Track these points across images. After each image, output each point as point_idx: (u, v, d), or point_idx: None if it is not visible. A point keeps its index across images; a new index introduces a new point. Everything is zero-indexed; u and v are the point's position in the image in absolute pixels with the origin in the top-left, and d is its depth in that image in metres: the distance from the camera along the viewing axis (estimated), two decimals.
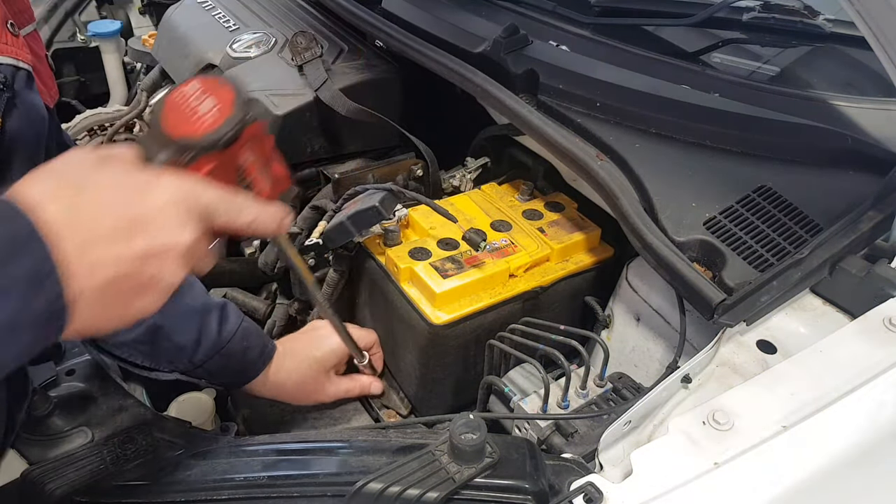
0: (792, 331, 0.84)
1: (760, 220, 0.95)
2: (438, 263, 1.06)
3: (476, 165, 1.36)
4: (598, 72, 1.17)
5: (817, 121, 1.07)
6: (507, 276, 1.07)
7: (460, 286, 1.03)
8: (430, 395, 1.11)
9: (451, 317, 1.02)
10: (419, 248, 1.09)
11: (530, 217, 1.18)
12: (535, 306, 1.10)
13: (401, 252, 1.08)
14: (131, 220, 0.49)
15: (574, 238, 1.13)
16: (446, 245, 1.10)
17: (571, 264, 1.12)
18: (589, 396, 0.95)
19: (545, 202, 1.21)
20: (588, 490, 0.64)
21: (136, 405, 0.88)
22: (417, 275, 1.05)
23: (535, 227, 1.15)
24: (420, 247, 1.09)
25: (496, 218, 1.17)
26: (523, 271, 1.09)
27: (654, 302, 1.05)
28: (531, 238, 1.13)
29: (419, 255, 1.07)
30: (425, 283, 1.03)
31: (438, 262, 1.06)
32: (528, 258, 1.09)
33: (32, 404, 0.82)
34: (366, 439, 0.78)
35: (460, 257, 1.07)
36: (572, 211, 1.20)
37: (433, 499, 0.65)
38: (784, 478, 0.64)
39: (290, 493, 0.71)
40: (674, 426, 0.69)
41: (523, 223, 1.16)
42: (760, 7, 1.46)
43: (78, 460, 0.76)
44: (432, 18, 1.35)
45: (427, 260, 1.07)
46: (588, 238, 1.14)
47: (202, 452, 0.79)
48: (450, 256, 1.07)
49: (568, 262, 1.12)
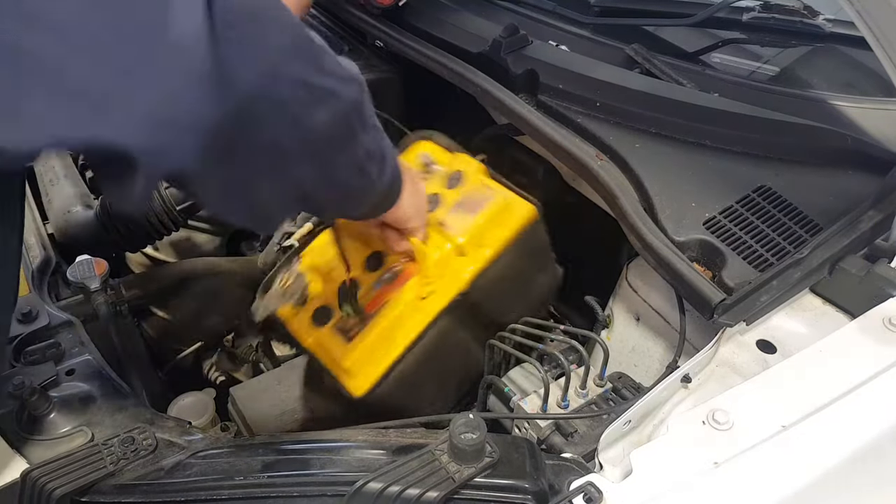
0: (792, 330, 0.84)
1: (760, 219, 0.95)
2: (341, 323, 0.95)
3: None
4: (597, 72, 1.17)
5: (817, 121, 1.07)
6: (417, 302, 0.93)
7: (369, 343, 0.92)
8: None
9: (371, 382, 0.92)
10: (321, 308, 0.97)
11: (431, 205, 0.99)
12: (473, 309, 0.98)
13: (304, 319, 0.97)
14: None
15: (480, 217, 0.96)
16: (346, 293, 0.96)
17: (488, 248, 0.96)
18: (589, 396, 0.95)
19: (448, 176, 1.04)
20: (588, 490, 0.64)
21: (136, 405, 0.88)
22: (325, 346, 0.95)
23: (434, 221, 0.96)
24: (322, 305, 0.97)
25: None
26: (431, 287, 0.94)
27: (654, 302, 1.05)
28: (430, 242, 0.95)
29: (321, 318, 0.96)
30: (333, 357, 0.93)
31: (341, 321, 0.95)
32: (429, 273, 0.93)
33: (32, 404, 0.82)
34: (365, 439, 0.78)
35: (361, 304, 0.94)
36: (476, 177, 1.02)
37: (433, 498, 0.64)
38: (784, 478, 0.64)
39: (290, 492, 0.71)
40: (673, 426, 0.69)
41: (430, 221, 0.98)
42: (760, 7, 1.46)
43: (78, 460, 0.76)
44: (432, 18, 1.35)
45: (330, 322, 0.95)
46: (497, 207, 0.98)
47: (202, 452, 0.79)
48: (352, 306, 0.95)
49: (483, 246, 0.96)
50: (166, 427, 0.84)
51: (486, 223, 0.96)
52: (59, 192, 1.34)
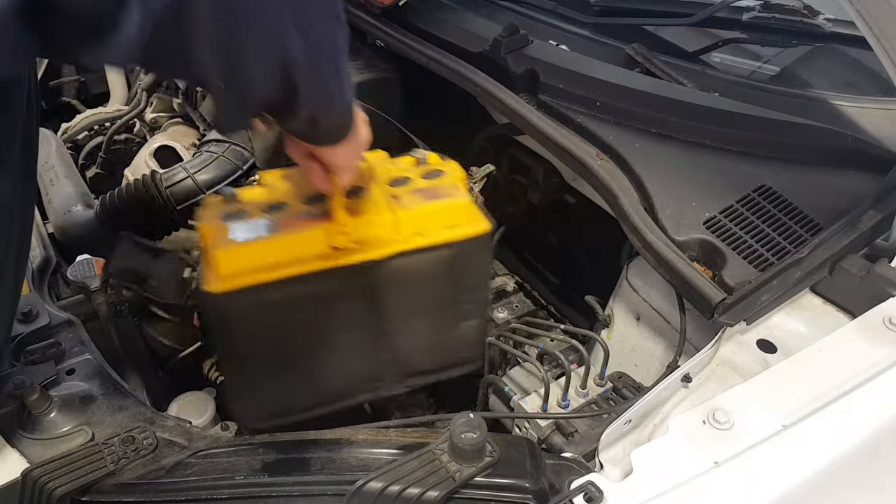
0: (792, 330, 0.84)
1: (760, 219, 0.95)
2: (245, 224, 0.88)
3: (481, 174, 1.35)
4: (598, 71, 1.17)
5: (817, 120, 1.07)
6: (322, 245, 0.87)
7: (252, 250, 0.85)
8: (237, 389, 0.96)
9: (231, 286, 0.84)
10: (238, 212, 0.90)
11: (397, 183, 0.96)
12: (374, 291, 0.92)
13: (217, 210, 0.91)
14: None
15: (432, 206, 0.92)
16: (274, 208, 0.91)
17: (422, 236, 0.91)
18: (589, 396, 0.95)
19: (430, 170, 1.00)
20: (588, 489, 0.64)
21: (137, 405, 0.88)
22: (213, 234, 0.87)
23: (392, 193, 0.93)
24: (240, 210, 0.90)
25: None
26: (350, 242, 0.88)
27: (654, 301, 1.05)
28: (377, 206, 0.90)
29: (230, 217, 0.89)
30: (213, 244, 0.85)
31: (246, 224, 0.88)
32: (348, 226, 0.87)
33: (33, 404, 0.82)
34: (366, 438, 0.78)
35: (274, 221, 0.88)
36: (453, 178, 0.98)
37: (433, 498, 0.65)
38: (784, 477, 0.64)
39: (290, 492, 0.71)
40: (674, 425, 0.69)
41: (382, 189, 0.94)
42: (760, 7, 1.47)
43: (78, 460, 0.76)
44: (432, 18, 1.36)
45: (233, 220, 0.88)
46: (453, 206, 0.93)
47: (202, 452, 0.79)
48: (265, 219, 0.89)
49: (419, 233, 0.91)
50: (166, 426, 0.84)
51: (434, 213, 0.92)
52: (59, 191, 1.34)
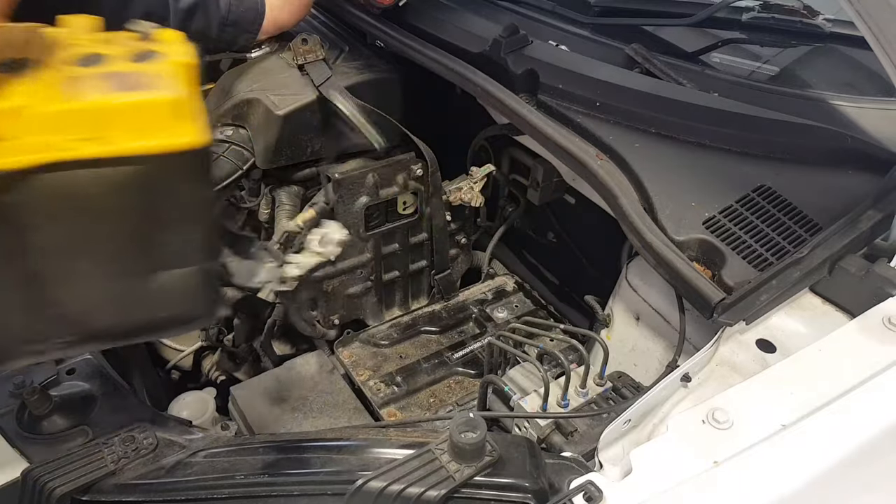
0: (791, 330, 0.84)
1: (760, 219, 0.95)
2: None
3: (481, 174, 1.35)
4: (597, 72, 1.17)
5: (817, 120, 1.07)
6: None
7: None
8: None
9: None
10: None
11: (88, 62, 0.67)
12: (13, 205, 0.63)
13: None
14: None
15: (119, 98, 0.64)
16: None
17: (96, 144, 0.64)
18: (589, 395, 0.95)
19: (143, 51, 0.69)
20: (588, 488, 0.64)
21: (137, 404, 0.88)
22: None
23: (73, 74, 0.65)
24: None
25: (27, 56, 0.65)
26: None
27: (654, 301, 1.05)
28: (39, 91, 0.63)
29: None
30: None
31: None
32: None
33: (33, 403, 0.82)
34: (366, 438, 0.79)
35: None
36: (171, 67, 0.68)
37: (433, 497, 0.65)
38: (783, 476, 0.64)
39: (291, 491, 0.71)
40: (673, 425, 0.69)
41: (59, 68, 0.65)
42: (760, 7, 1.47)
43: (78, 460, 0.76)
44: (432, 18, 1.36)
45: None
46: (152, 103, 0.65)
47: (202, 451, 0.79)
48: None
49: (93, 140, 0.64)
50: (167, 426, 0.84)
51: (119, 111, 0.64)
52: None
